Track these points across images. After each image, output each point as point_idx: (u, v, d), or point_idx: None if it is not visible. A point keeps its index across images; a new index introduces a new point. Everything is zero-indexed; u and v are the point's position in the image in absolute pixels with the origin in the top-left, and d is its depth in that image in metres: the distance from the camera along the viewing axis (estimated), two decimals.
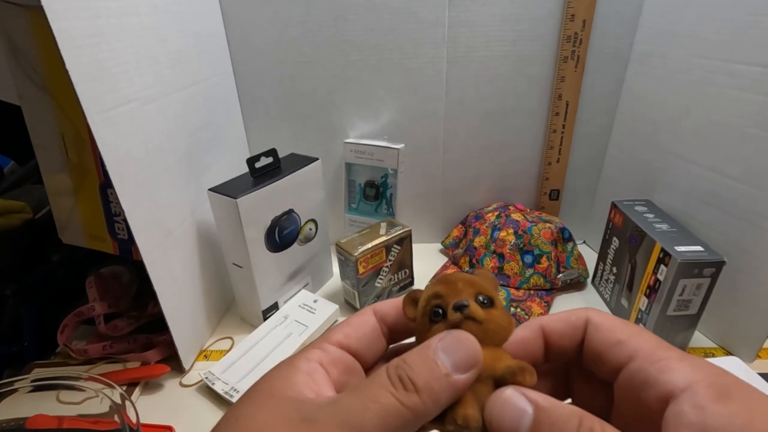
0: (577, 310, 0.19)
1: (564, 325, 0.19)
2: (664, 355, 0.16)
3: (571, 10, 0.56)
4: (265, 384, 0.17)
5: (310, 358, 0.18)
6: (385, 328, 0.21)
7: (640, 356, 0.17)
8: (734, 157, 0.46)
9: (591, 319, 0.19)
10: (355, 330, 0.20)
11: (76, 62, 0.33)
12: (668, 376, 0.15)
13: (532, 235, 0.59)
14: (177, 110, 0.48)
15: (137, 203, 0.41)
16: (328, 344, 0.19)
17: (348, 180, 0.68)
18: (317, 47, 0.60)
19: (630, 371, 0.17)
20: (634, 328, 0.18)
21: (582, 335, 0.19)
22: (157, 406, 0.46)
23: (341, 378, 0.18)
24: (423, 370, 0.16)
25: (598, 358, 0.18)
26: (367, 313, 0.21)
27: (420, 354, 0.16)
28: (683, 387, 0.15)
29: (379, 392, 0.15)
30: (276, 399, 0.16)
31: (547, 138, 0.65)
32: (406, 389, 0.15)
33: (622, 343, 0.17)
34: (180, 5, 0.49)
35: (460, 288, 0.18)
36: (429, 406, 0.15)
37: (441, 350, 0.16)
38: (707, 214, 0.49)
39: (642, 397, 0.16)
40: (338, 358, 0.19)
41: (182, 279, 0.49)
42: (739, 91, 0.44)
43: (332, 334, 0.20)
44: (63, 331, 0.50)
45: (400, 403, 0.15)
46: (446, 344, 0.16)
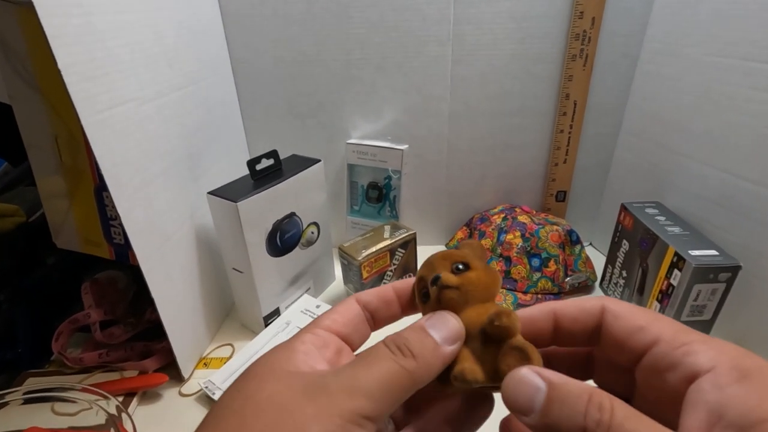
0: (592, 298, 0.20)
1: (577, 311, 0.20)
2: (688, 339, 0.17)
3: (580, 7, 0.55)
4: (264, 361, 0.18)
5: (304, 341, 0.19)
6: (368, 315, 0.22)
7: (663, 341, 0.17)
8: (750, 159, 0.44)
9: (608, 307, 0.19)
10: (341, 316, 0.21)
11: (68, 61, 0.32)
12: (693, 359, 0.16)
13: (539, 238, 0.57)
14: (174, 111, 0.46)
15: (133, 207, 0.40)
16: (318, 329, 0.20)
17: (350, 181, 0.67)
18: (319, 45, 0.59)
19: (653, 356, 0.17)
20: (653, 314, 0.18)
21: (595, 322, 0.19)
22: (156, 416, 0.44)
23: (333, 358, 0.19)
24: (417, 341, 0.18)
25: (619, 345, 0.18)
26: (350, 301, 0.22)
27: (412, 329, 0.19)
28: (708, 368, 0.15)
29: (381, 359, 0.17)
30: (280, 372, 0.17)
31: (554, 138, 0.63)
32: (405, 355, 0.17)
33: (643, 329, 0.18)
34: (177, 2, 0.47)
35: (436, 265, 0.21)
36: (424, 370, 0.17)
37: (430, 327, 0.19)
38: (721, 217, 0.48)
39: (666, 381, 0.16)
40: (329, 340, 0.20)
41: (181, 285, 0.47)
42: (755, 91, 0.43)
43: (321, 320, 0.21)
44: (58, 339, 0.49)
45: (401, 366, 0.17)
46: (433, 322, 0.19)
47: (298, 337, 0.20)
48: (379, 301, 0.22)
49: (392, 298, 0.22)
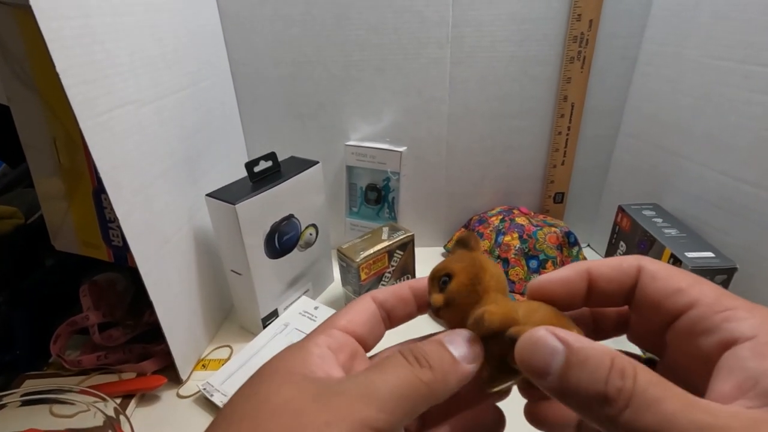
0: (629, 257, 0.19)
1: (613, 271, 0.19)
2: (732, 305, 0.16)
3: (578, 9, 0.55)
4: (278, 363, 0.18)
5: (319, 343, 0.19)
6: (384, 313, 0.22)
7: (703, 304, 0.16)
8: (749, 161, 0.44)
9: (645, 267, 0.18)
10: (357, 315, 0.21)
11: (67, 64, 0.32)
12: (734, 325, 0.15)
13: (537, 240, 0.57)
14: (173, 113, 0.46)
15: (132, 209, 0.40)
16: (334, 329, 0.20)
17: (349, 183, 0.67)
18: (318, 47, 0.59)
19: (690, 318, 0.17)
20: (694, 277, 0.17)
21: (631, 282, 0.19)
22: (154, 418, 0.44)
23: (347, 362, 0.19)
24: (435, 353, 0.18)
25: (655, 306, 0.18)
26: (366, 299, 0.22)
27: (431, 342, 0.18)
28: (748, 337, 0.15)
29: (397, 367, 0.17)
30: (295, 376, 0.17)
31: (552, 140, 0.63)
32: (422, 366, 0.17)
33: (682, 291, 0.17)
34: (176, 3, 0.47)
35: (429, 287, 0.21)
36: (440, 383, 0.17)
37: (448, 342, 0.18)
38: (719, 219, 0.48)
39: (700, 345, 0.16)
40: (344, 342, 0.20)
41: (179, 287, 0.47)
42: (754, 93, 0.43)
43: (336, 319, 0.20)
44: (56, 341, 0.49)
45: (417, 377, 0.17)
46: (452, 338, 0.18)
47: (313, 338, 0.19)
48: (396, 299, 0.22)
49: (408, 296, 0.22)
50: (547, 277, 0.20)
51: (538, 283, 0.20)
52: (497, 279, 0.19)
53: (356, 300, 0.22)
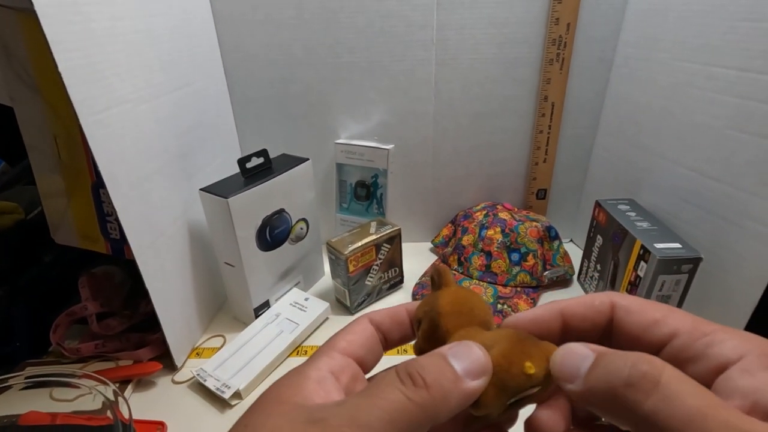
0: (600, 295, 0.20)
1: (586, 309, 0.19)
2: (708, 329, 0.16)
3: (555, 13, 0.57)
4: (274, 392, 0.18)
5: (319, 367, 0.18)
6: (381, 336, 0.22)
7: (682, 333, 0.17)
8: (713, 157, 0.47)
9: (618, 303, 0.19)
10: (357, 336, 0.20)
11: (68, 65, 0.34)
12: (718, 349, 0.16)
13: (518, 234, 0.60)
14: (169, 112, 0.49)
15: (129, 203, 0.42)
16: (334, 352, 0.19)
17: (339, 180, 0.69)
18: (308, 49, 0.61)
19: (674, 348, 0.17)
20: (665, 307, 0.18)
21: (605, 319, 0.19)
22: (150, 402, 0.47)
23: (350, 384, 0.19)
24: (433, 368, 0.16)
25: (634, 340, 0.18)
26: (363, 321, 0.21)
27: (431, 355, 0.17)
28: (736, 358, 0.15)
29: (386, 389, 0.16)
30: (285, 405, 0.17)
31: (534, 138, 0.66)
32: (415, 384, 0.16)
33: (659, 323, 0.17)
34: (171, 9, 0.49)
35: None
36: (438, 402, 0.16)
37: (451, 355, 0.17)
38: (689, 213, 0.51)
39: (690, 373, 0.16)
40: (345, 365, 0.19)
41: (174, 278, 0.50)
42: (717, 94, 0.46)
43: (336, 341, 0.20)
44: (55, 331, 0.51)
45: (408, 399, 0.15)
46: (455, 351, 0.17)
47: (313, 363, 0.19)
48: (392, 322, 0.22)
49: (404, 320, 0.22)
50: (520, 316, 0.20)
51: (512, 322, 0.20)
52: (459, 316, 0.19)
53: (354, 322, 0.22)
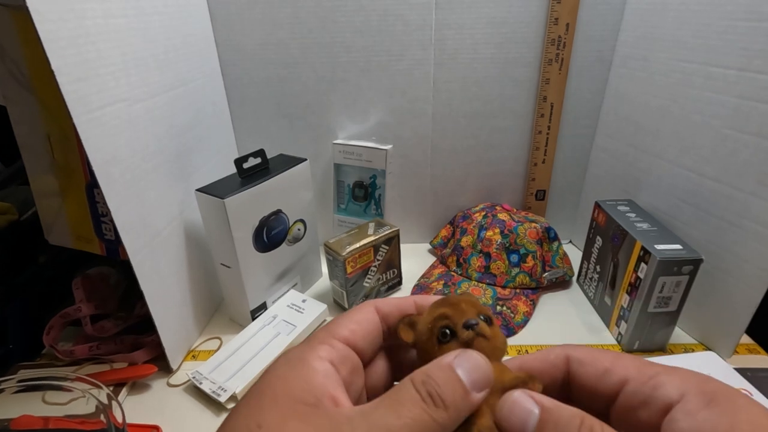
0: (555, 348, 0.20)
1: (543, 364, 0.20)
2: (653, 372, 0.17)
3: (554, 13, 0.57)
4: (280, 384, 0.17)
5: (322, 356, 0.18)
6: (385, 327, 0.21)
7: (631, 379, 0.17)
8: (711, 158, 0.47)
9: (571, 355, 0.19)
10: (360, 327, 0.20)
11: (62, 63, 0.34)
12: (662, 391, 0.16)
13: (518, 235, 0.60)
14: (164, 111, 0.48)
15: (124, 203, 0.41)
16: (336, 340, 0.19)
17: (337, 180, 0.69)
18: (305, 49, 0.61)
19: (626, 395, 0.18)
20: (613, 354, 0.19)
21: (562, 374, 0.19)
22: (144, 406, 0.46)
23: (348, 378, 0.19)
24: (449, 388, 0.16)
25: (591, 391, 0.19)
26: (369, 310, 0.21)
27: (443, 371, 0.17)
28: (677, 398, 0.16)
29: (412, 408, 0.16)
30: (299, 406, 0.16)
31: (533, 139, 0.66)
32: (437, 405, 0.16)
33: (609, 371, 0.18)
34: (167, 7, 0.49)
35: (464, 308, 0.19)
36: (453, 420, 0.16)
37: (458, 367, 0.17)
38: (687, 214, 0.50)
39: (642, 417, 0.17)
40: (346, 356, 0.19)
41: (170, 279, 0.49)
42: (716, 94, 0.46)
43: (338, 328, 0.20)
44: (49, 333, 0.50)
45: (432, 419, 0.16)
46: (462, 363, 0.17)
47: (315, 350, 0.18)
48: (399, 313, 0.21)
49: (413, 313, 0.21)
50: None
51: None
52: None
53: (359, 308, 0.21)
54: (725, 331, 0.49)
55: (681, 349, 0.51)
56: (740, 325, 0.47)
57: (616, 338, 0.53)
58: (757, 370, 0.47)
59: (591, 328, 0.55)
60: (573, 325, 0.56)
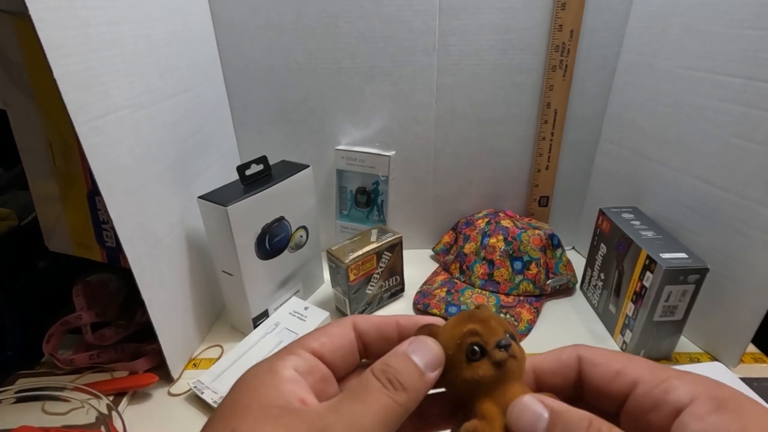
0: (567, 349, 0.20)
1: (556, 365, 0.20)
2: (665, 375, 0.17)
3: (559, 20, 0.57)
4: (250, 393, 0.18)
5: (287, 365, 0.18)
6: (361, 345, 0.21)
7: (643, 381, 0.18)
8: (717, 166, 0.47)
9: (584, 356, 0.19)
10: (331, 341, 0.20)
11: (64, 71, 0.33)
12: (673, 395, 0.17)
13: (521, 242, 0.59)
14: (167, 118, 0.48)
15: (126, 211, 0.41)
16: (303, 350, 0.19)
17: (339, 187, 0.68)
18: (309, 54, 0.60)
19: (636, 398, 0.18)
20: (626, 356, 0.19)
21: (575, 373, 0.20)
22: (145, 416, 0.45)
23: (317, 385, 0.19)
24: (406, 371, 0.18)
25: (602, 392, 0.19)
26: (346, 325, 0.21)
27: (399, 358, 0.18)
28: (687, 402, 0.16)
29: (376, 394, 0.17)
30: (272, 410, 0.16)
31: (537, 145, 0.65)
32: (396, 389, 0.17)
33: (621, 374, 0.18)
34: (170, 13, 0.49)
35: (494, 326, 0.19)
36: (413, 401, 0.18)
37: (413, 353, 0.18)
38: (693, 222, 0.50)
39: (652, 419, 0.17)
40: (313, 366, 0.19)
41: (171, 287, 0.49)
42: (722, 102, 0.45)
43: (307, 340, 0.20)
44: (49, 341, 0.49)
45: (395, 402, 0.17)
46: (416, 348, 0.19)
47: (282, 358, 0.19)
48: (378, 334, 0.21)
49: (393, 336, 0.21)
50: None
51: None
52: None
53: (336, 323, 0.21)
54: (731, 340, 0.48)
55: (686, 359, 0.50)
56: (746, 334, 0.47)
57: (621, 347, 0.52)
58: (763, 380, 0.46)
59: (595, 336, 0.55)
60: (577, 333, 0.56)
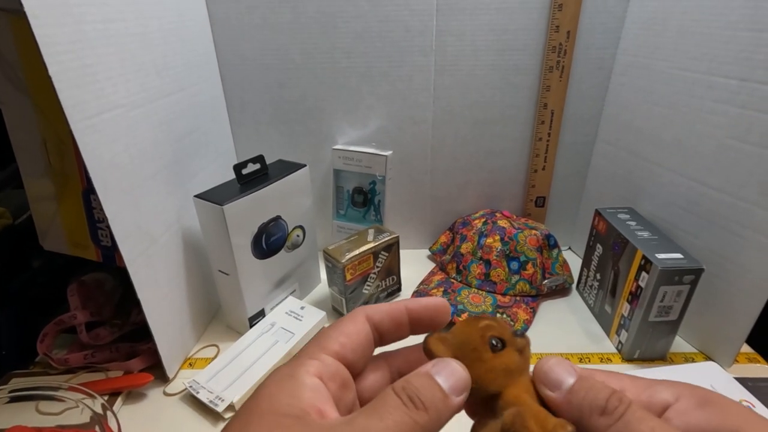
0: None
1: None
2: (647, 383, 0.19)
3: (555, 21, 0.57)
4: (266, 401, 0.17)
5: (310, 372, 0.18)
6: (376, 335, 0.21)
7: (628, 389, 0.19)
8: (713, 167, 0.47)
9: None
10: (350, 339, 0.20)
11: (59, 69, 0.33)
12: (659, 396, 0.18)
13: (518, 242, 0.59)
14: (163, 116, 0.48)
15: (121, 210, 0.41)
16: (326, 355, 0.19)
17: (336, 186, 0.68)
18: (306, 54, 0.60)
19: None
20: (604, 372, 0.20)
21: None
22: (140, 415, 0.45)
23: (338, 392, 0.19)
24: (428, 391, 0.17)
25: None
26: (359, 320, 0.21)
27: (422, 377, 0.18)
28: (672, 401, 0.18)
29: (394, 411, 0.17)
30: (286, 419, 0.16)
31: (533, 146, 0.65)
32: (417, 407, 0.17)
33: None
34: (167, 11, 0.48)
35: (502, 323, 0.20)
36: (433, 423, 0.17)
37: (437, 374, 0.18)
38: (688, 223, 0.50)
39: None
40: (335, 371, 0.19)
41: (167, 286, 0.48)
42: (718, 103, 0.46)
43: (328, 342, 0.20)
44: (43, 340, 0.49)
45: (413, 420, 0.16)
46: (439, 369, 0.18)
47: (303, 364, 0.18)
48: (391, 322, 0.21)
49: (404, 320, 0.21)
50: None
51: None
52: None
53: (350, 318, 0.21)
54: (726, 340, 0.49)
55: (681, 359, 0.51)
56: (741, 334, 0.47)
57: (617, 347, 0.53)
58: (757, 380, 0.47)
59: (591, 336, 0.55)
60: (573, 333, 0.56)
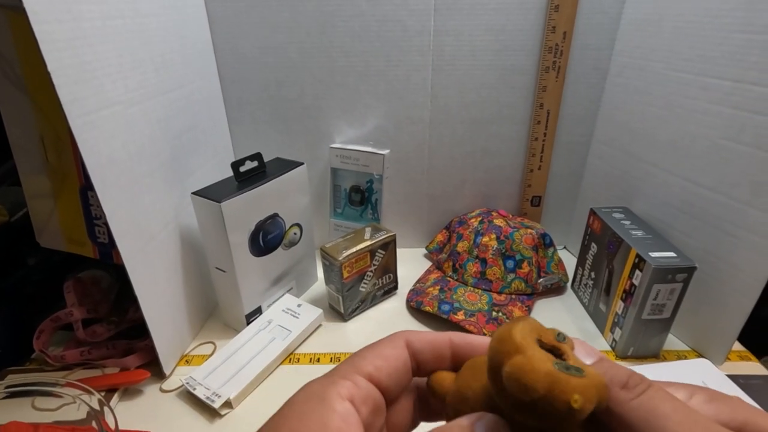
0: None
1: None
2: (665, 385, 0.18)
3: (552, 22, 0.58)
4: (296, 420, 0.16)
5: (342, 394, 0.17)
6: (414, 364, 0.20)
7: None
8: (706, 168, 0.47)
9: None
10: (386, 363, 0.19)
11: (58, 65, 0.33)
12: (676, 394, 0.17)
13: (513, 241, 0.60)
14: (161, 114, 0.48)
15: (119, 207, 0.41)
16: (360, 377, 0.18)
17: (333, 185, 0.68)
18: (304, 53, 0.60)
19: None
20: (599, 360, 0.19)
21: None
22: (137, 412, 0.45)
23: (369, 418, 0.18)
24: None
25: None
26: (399, 344, 0.20)
27: (462, 428, 0.16)
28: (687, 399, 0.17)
29: None
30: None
31: (530, 146, 0.66)
32: None
33: None
34: (165, 9, 0.49)
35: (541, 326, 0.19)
36: None
37: (478, 430, 0.16)
38: (682, 222, 0.51)
39: None
40: (368, 395, 0.18)
41: (164, 283, 0.48)
42: (711, 104, 0.46)
43: (363, 363, 0.19)
44: (39, 337, 0.49)
45: None
46: (483, 427, 0.17)
47: (336, 385, 0.17)
48: (432, 352, 0.20)
49: (446, 354, 0.20)
50: None
51: None
52: None
53: (389, 341, 0.20)
54: (718, 338, 0.49)
55: (674, 356, 0.51)
56: (733, 332, 0.47)
57: (611, 344, 0.53)
58: (749, 377, 0.47)
59: (586, 334, 0.56)
60: (568, 332, 0.55)
